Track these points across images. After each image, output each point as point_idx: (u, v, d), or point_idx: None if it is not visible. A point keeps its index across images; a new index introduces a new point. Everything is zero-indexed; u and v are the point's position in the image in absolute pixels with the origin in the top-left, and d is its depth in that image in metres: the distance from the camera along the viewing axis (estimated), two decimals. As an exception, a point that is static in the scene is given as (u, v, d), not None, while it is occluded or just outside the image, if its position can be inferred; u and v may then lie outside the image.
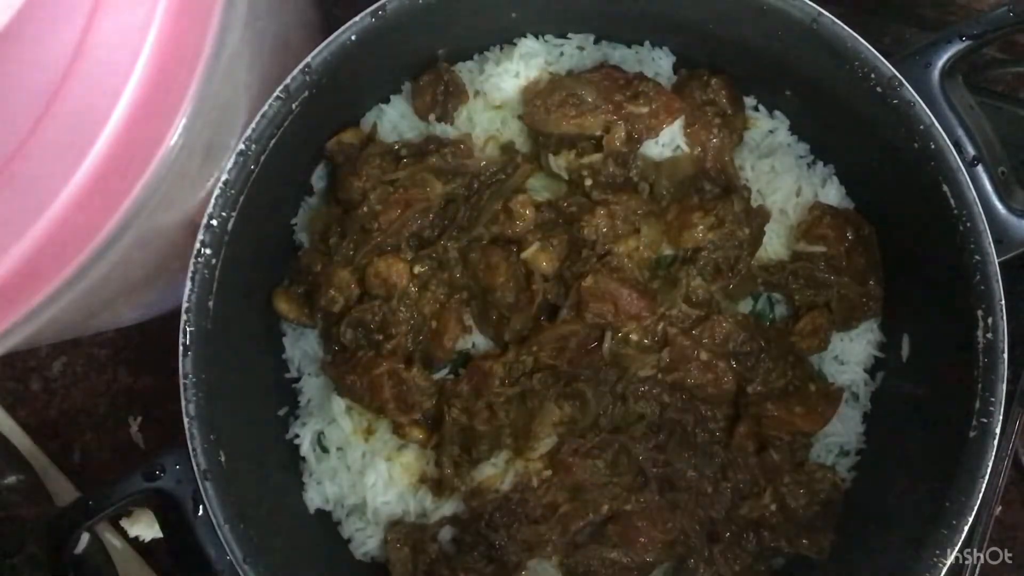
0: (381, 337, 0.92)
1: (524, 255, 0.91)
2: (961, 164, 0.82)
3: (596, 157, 0.93)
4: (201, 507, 0.83)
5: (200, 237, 0.82)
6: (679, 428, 0.92)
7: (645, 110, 0.93)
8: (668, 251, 0.94)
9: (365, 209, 0.92)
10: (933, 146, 0.83)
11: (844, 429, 0.96)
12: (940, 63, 0.86)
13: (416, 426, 0.94)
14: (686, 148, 0.95)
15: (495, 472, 0.93)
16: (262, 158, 0.84)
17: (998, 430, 0.80)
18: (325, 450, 0.97)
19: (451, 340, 0.93)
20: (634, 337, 0.91)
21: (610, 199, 0.92)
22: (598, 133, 0.93)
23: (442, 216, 0.93)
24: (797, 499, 0.92)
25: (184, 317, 0.82)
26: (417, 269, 0.92)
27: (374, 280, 0.92)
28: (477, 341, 0.94)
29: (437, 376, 0.94)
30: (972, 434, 0.81)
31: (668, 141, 0.95)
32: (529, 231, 0.92)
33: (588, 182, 0.93)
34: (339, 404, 0.95)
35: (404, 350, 0.93)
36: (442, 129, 0.97)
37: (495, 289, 0.92)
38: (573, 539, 0.93)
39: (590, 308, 0.90)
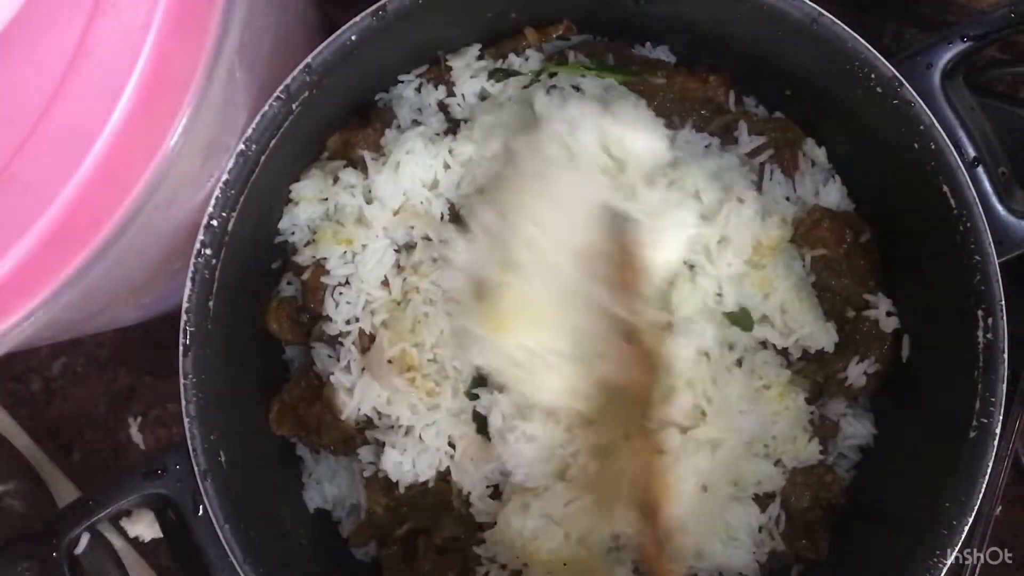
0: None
1: None
2: (961, 164, 0.82)
3: None
4: (201, 507, 0.83)
5: (200, 237, 0.82)
6: None
7: (663, 81, 0.94)
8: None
9: None
10: (933, 146, 0.83)
11: (864, 430, 0.96)
12: (941, 63, 0.86)
13: None
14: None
15: None
16: (262, 158, 0.84)
17: (998, 430, 0.80)
18: (317, 451, 0.98)
19: None
20: None
21: None
22: None
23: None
24: (801, 501, 0.92)
25: (184, 317, 0.82)
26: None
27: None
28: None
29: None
30: (972, 434, 0.81)
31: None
32: None
33: None
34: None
35: None
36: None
37: None
38: None
39: None
